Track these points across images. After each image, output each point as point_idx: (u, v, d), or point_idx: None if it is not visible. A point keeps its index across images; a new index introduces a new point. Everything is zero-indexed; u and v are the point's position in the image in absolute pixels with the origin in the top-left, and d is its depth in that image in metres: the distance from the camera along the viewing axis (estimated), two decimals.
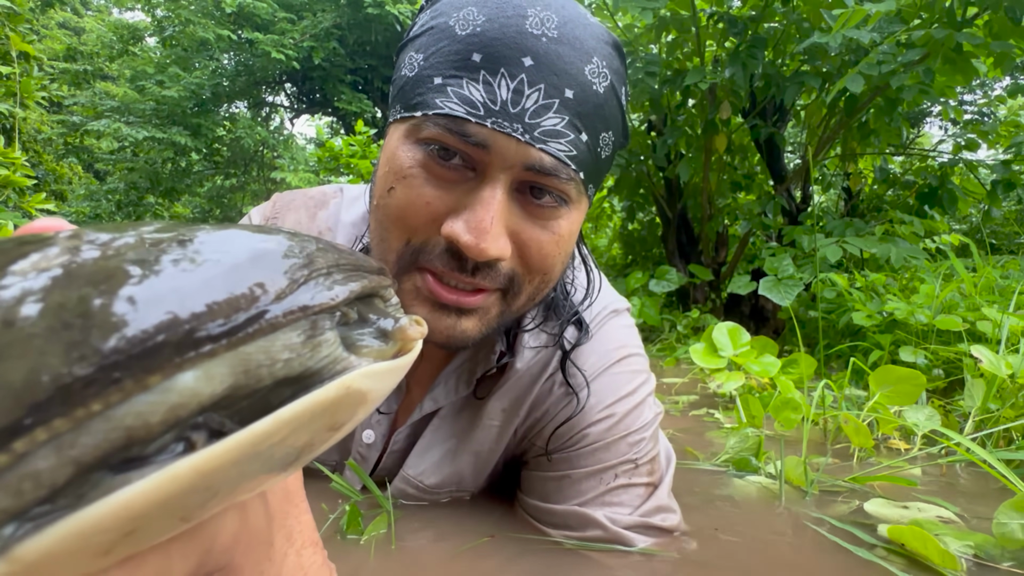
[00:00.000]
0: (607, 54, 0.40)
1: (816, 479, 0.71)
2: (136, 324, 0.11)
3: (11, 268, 0.11)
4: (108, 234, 0.13)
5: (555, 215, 0.41)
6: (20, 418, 0.09)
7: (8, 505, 0.09)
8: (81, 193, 7.18)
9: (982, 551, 0.52)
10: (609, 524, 0.48)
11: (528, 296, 0.44)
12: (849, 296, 1.87)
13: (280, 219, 0.57)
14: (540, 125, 0.37)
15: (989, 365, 0.81)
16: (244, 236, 0.14)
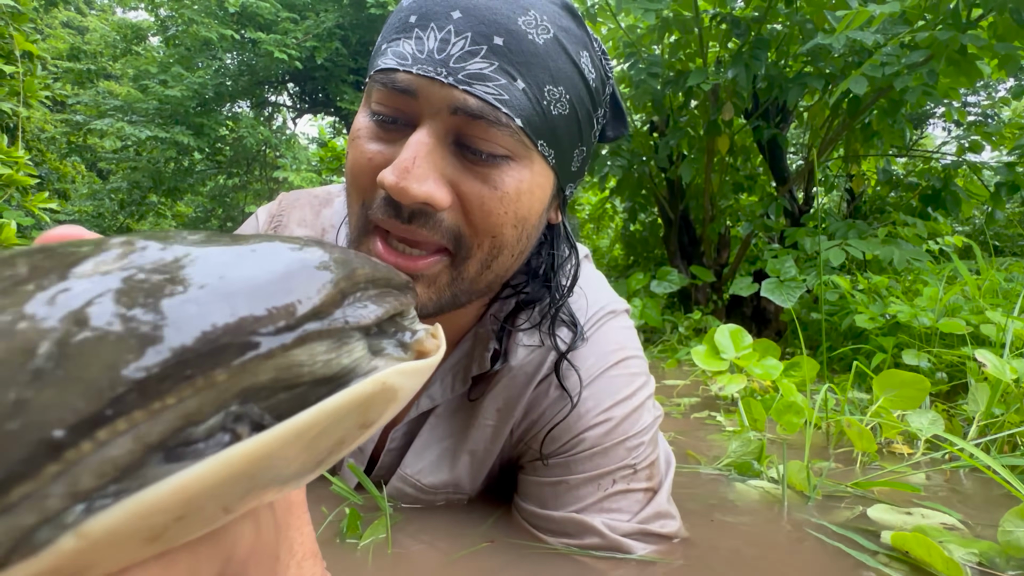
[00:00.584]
0: (550, 11, 0.40)
1: (819, 484, 0.71)
2: (203, 324, 0.11)
3: (74, 271, 0.12)
4: (160, 241, 0.14)
5: (498, 168, 0.40)
6: (102, 409, 0.10)
7: (88, 486, 0.10)
8: (84, 192, 7.20)
9: (986, 559, 0.51)
10: (607, 531, 0.47)
11: (480, 263, 0.42)
12: (852, 299, 1.87)
13: (286, 217, 0.58)
14: (465, 68, 0.37)
15: (994, 370, 0.80)
16: (293, 247, 0.14)
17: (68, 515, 0.10)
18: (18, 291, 0.11)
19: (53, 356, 0.10)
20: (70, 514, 0.10)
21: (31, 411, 0.09)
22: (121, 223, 7.68)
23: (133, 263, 0.12)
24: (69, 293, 0.11)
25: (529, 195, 0.42)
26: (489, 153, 0.39)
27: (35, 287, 0.11)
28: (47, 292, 0.11)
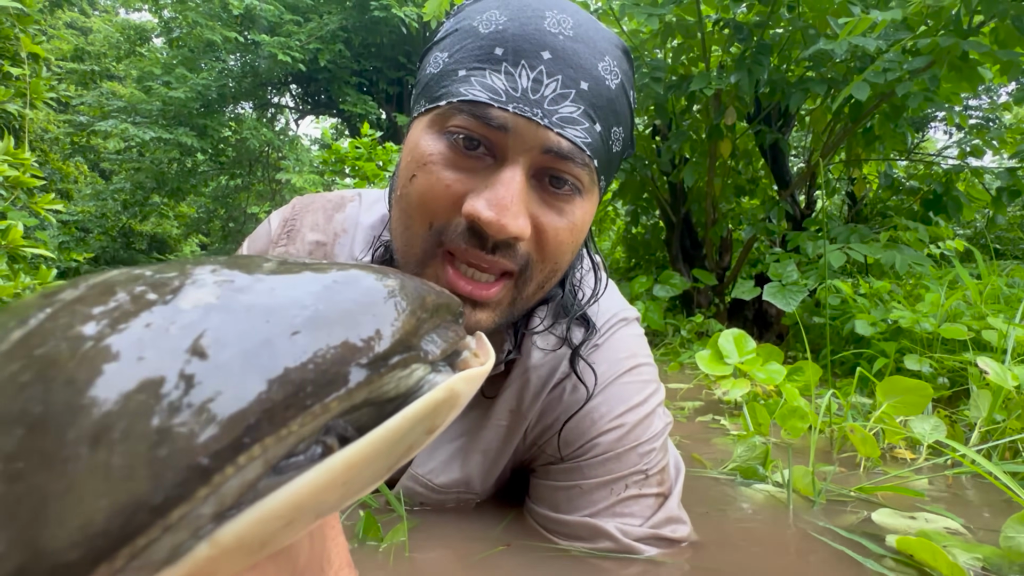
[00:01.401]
0: (617, 56, 0.43)
1: (823, 488, 0.72)
2: (315, 358, 0.13)
3: (178, 304, 0.13)
4: (247, 271, 0.15)
5: (571, 202, 0.43)
6: (240, 437, 0.11)
7: (229, 504, 0.11)
8: (87, 192, 7.22)
9: (990, 563, 0.52)
10: (620, 536, 0.48)
11: (537, 284, 0.45)
12: (854, 303, 1.88)
13: (299, 221, 0.59)
14: (558, 112, 0.39)
15: (995, 377, 0.81)
16: (371, 276, 0.16)
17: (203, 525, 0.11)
18: (131, 324, 0.12)
19: (183, 388, 0.11)
20: (205, 524, 0.11)
21: (178, 439, 0.11)
22: (124, 223, 7.70)
23: (232, 295, 0.13)
24: (182, 326, 0.12)
25: (587, 224, 0.46)
26: (570, 186, 0.42)
27: (146, 319, 0.12)
28: (161, 325, 0.12)
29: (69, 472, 0.10)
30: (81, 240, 6.77)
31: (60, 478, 0.10)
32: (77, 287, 0.14)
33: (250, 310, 0.13)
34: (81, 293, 0.13)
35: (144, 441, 0.11)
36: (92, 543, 0.10)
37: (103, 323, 0.12)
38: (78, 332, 0.12)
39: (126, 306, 0.13)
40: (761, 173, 3.52)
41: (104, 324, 0.12)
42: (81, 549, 0.10)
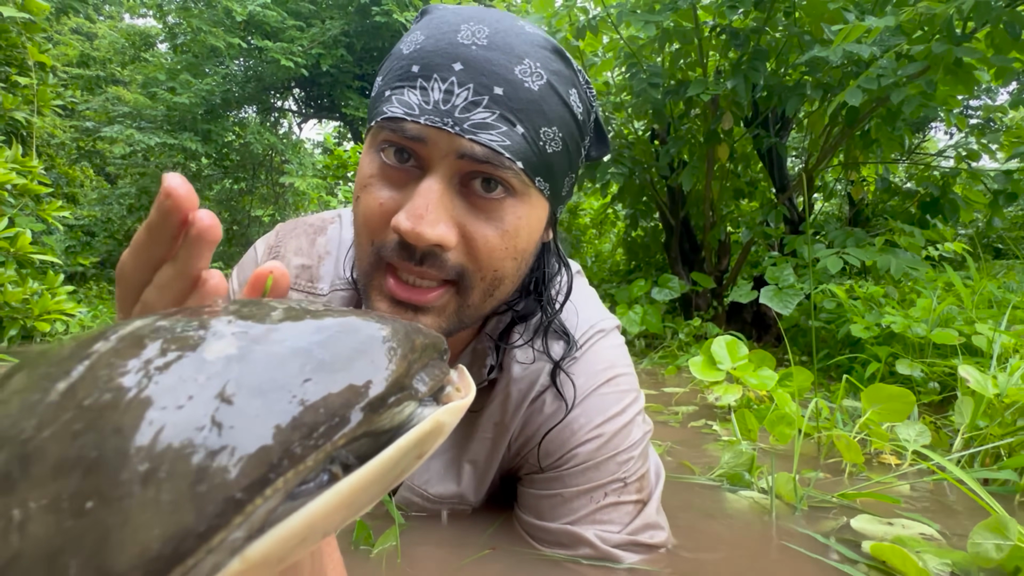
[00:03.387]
0: (542, 56, 0.43)
1: (806, 495, 0.74)
2: (325, 402, 0.15)
3: (203, 356, 0.15)
4: (260, 322, 0.17)
5: (501, 207, 0.43)
6: (267, 473, 0.14)
7: (256, 529, 0.14)
8: (93, 197, 7.28)
9: (959, 568, 0.55)
10: (599, 543, 0.50)
11: (482, 292, 0.45)
12: (850, 307, 1.89)
13: (283, 247, 0.60)
14: (469, 119, 0.41)
15: (976, 385, 0.83)
16: (366, 323, 0.18)
17: (229, 543, 0.13)
18: (165, 375, 0.14)
19: (216, 432, 0.13)
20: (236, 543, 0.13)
21: (215, 477, 0.13)
22: (130, 227, 7.76)
23: (249, 345, 0.16)
24: (209, 376, 0.15)
25: (527, 228, 0.45)
26: (501, 190, 0.43)
27: (178, 371, 0.15)
28: (191, 376, 0.14)
29: (125, 507, 0.12)
30: (87, 244, 6.83)
31: (118, 513, 0.12)
32: (108, 339, 0.16)
33: (266, 359, 0.15)
34: (114, 346, 0.16)
35: (187, 479, 0.13)
36: (149, 566, 0.12)
37: (139, 375, 0.15)
38: (119, 384, 0.14)
39: (157, 359, 0.15)
40: (760, 176, 3.54)
41: (141, 376, 0.15)
42: (140, 572, 0.12)
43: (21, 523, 0.12)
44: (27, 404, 0.14)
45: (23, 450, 0.13)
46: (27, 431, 0.13)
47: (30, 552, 0.12)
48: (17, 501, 0.12)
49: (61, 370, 0.15)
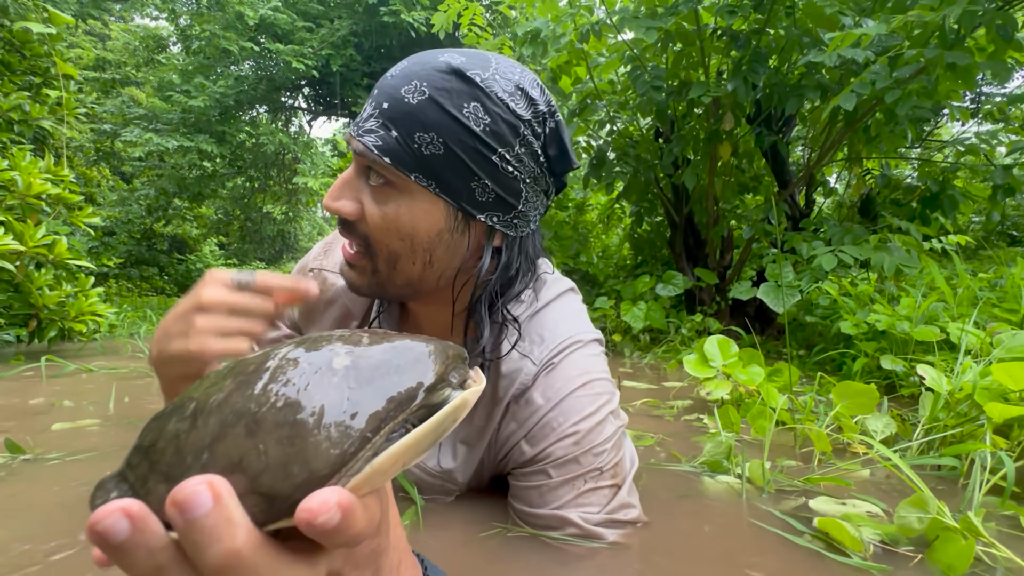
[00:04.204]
0: (434, 78, 0.53)
1: (773, 479, 0.85)
2: (402, 388, 0.27)
3: (333, 366, 0.26)
4: (358, 346, 0.28)
5: (385, 194, 0.55)
6: (379, 424, 0.25)
7: (373, 452, 0.25)
8: (113, 198, 7.49)
9: (888, 538, 0.65)
10: (583, 523, 0.61)
11: (385, 262, 0.57)
12: (842, 304, 1.98)
13: (334, 244, 0.76)
14: (362, 126, 0.55)
15: (932, 383, 0.93)
16: (417, 343, 0.30)
17: (364, 459, 0.25)
18: (319, 376, 0.26)
19: (350, 404, 0.25)
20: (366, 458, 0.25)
21: (356, 424, 0.24)
22: (148, 226, 7.99)
23: (356, 360, 0.27)
24: (342, 376, 0.26)
25: (409, 216, 0.55)
26: (383, 180, 0.55)
27: (328, 375, 0.26)
28: (332, 376, 0.26)
29: (313, 441, 0.24)
30: (107, 244, 7.05)
31: (311, 445, 0.24)
32: (273, 359, 0.27)
33: (367, 366, 0.27)
34: (280, 363, 0.27)
35: (340, 427, 0.25)
36: (331, 466, 0.24)
37: (302, 377, 0.26)
38: (292, 383, 0.26)
39: (308, 369, 0.27)
40: (764, 171, 3.59)
41: (301, 378, 0.26)
42: (327, 468, 0.24)
43: (264, 451, 0.24)
44: (245, 395, 0.26)
45: (254, 417, 0.25)
46: (253, 407, 0.25)
47: (272, 464, 0.24)
48: (260, 441, 0.24)
49: (256, 376, 0.26)
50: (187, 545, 0.22)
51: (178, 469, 0.24)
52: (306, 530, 0.22)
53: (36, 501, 0.76)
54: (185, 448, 0.25)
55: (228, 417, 0.25)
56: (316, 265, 0.75)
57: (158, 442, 0.26)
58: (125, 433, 1.15)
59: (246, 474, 0.24)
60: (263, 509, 0.23)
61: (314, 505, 0.22)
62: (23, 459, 0.96)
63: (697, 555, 0.63)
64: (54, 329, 2.68)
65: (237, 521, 0.22)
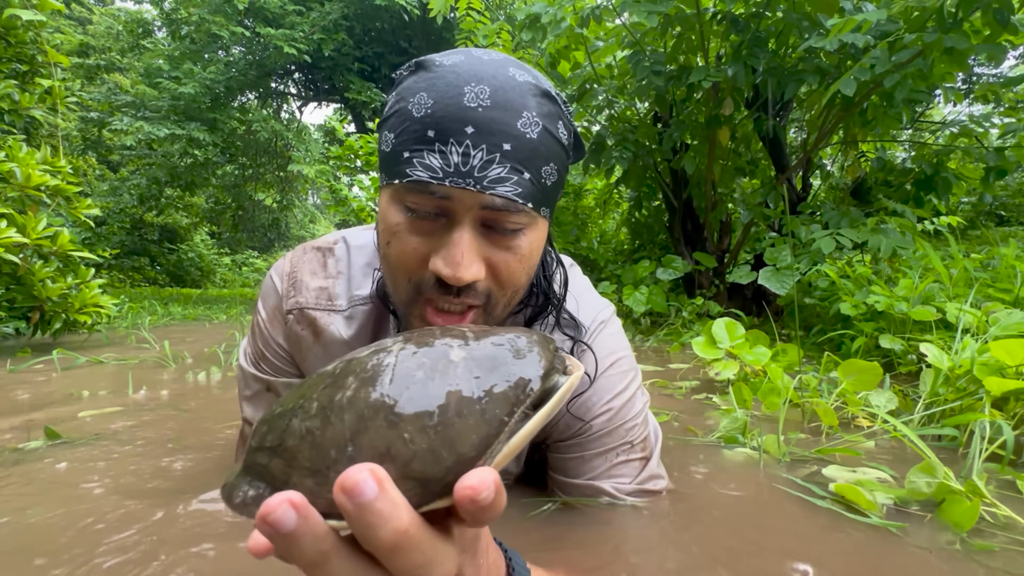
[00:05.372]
0: (536, 104, 0.50)
1: (788, 451, 0.90)
2: (525, 376, 0.30)
3: (451, 359, 0.29)
4: (475, 339, 0.31)
5: (516, 239, 0.51)
6: (512, 409, 0.28)
7: (509, 434, 0.28)
8: (104, 188, 7.38)
9: (900, 501, 0.71)
10: (615, 492, 0.66)
11: (504, 305, 0.54)
12: (841, 286, 2.04)
13: (298, 272, 0.68)
14: (487, 176, 0.47)
15: (933, 360, 0.99)
16: (526, 336, 0.32)
17: (502, 440, 0.28)
18: (447, 368, 0.28)
19: (481, 392, 0.28)
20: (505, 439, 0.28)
21: (491, 410, 0.27)
22: (139, 216, 7.90)
23: (471, 351, 0.30)
24: (465, 368, 0.29)
25: (536, 247, 0.54)
26: (511, 230, 0.51)
27: (455, 367, 0.29)
28: (456, 366, 0.29)
29: (456, 427, 0.27)
30: (100, 235, 6.96)
31: (453, 430, 0.27)
32: (389, 356, 0.31)
33: (485, 356, 0.30)
34: (401, 359, 0.30)
35: (476, 414, 0.27)
36: (477, 448, 0.27)
37: (427, 369, 0.29)
38: (418, 375, 0.28)
39: (429, 362, 0.29)
40: (761, 155, 3.62)
41: (428, 368, 0.29)
42: (473, 452, 0.27)
43: (410, 439, 0.27)
44: (375, 390, 0.28)
45: (392, 410, 0.27)
46: (388, 401, 0.28)
47: (420, 450, 0.27)
48: (403, 430, 0.27)
49: (379, 373, 0.29)
50: (359, 528, 0.24)
51: (323, 463, 0.26)
52: (467, 507, 0.24)
53: (82, 484, 0.80)
54: (325, 443, 0.27)
55: (365, 411, 0.27)
56: (293, 306, 0.66)
57: (286, 441, 0.28)
58: (151, 419, 1.19)
59: (395, 462, 0.26)
60: (417, 493, 0.26)
61: (475, 483, 0.24)
62: (60, 443, 0.99)
63: (726, 519, 0.68)
64: (59, 321, 2.68)
65: (401, 503, 0.24)
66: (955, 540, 0.62)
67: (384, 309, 0.66)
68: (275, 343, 0.68)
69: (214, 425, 1.13)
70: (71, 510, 0.69)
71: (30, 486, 0.79)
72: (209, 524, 0.64)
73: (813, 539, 0.62)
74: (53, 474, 0.84)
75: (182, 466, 0.87)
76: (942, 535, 0.63)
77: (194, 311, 4.81)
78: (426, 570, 0.26)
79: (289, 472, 0.27)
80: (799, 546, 0.60)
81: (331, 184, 4.28)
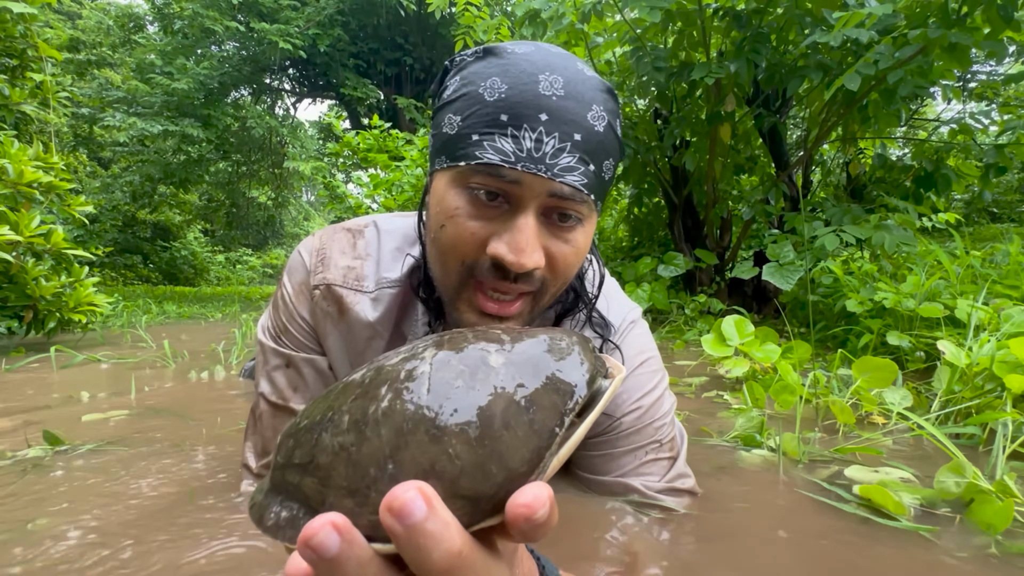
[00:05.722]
0: (602, 99, 0.51)
1: (807, 451, 0.89)
2: (573, 381, 0.28)
3: (490, 363, 0.27)
4: (516, 342, 0.29)
5: (574, 231, 0.52)
6: (562, 417, 0.26)
7: (560, 442, 0.26)
8: (96, 185, 7.28)
9: (927, 502, 0.70)
10: (645, 489, 0.65)
11: (551, 295, 0.55)
12: (846, 283, 2.03)
13: (327, 250, 0.67)
14: (558, 164, 0.48)
15: (951, 356, 0.98)
16: (565, 339, 0.30)
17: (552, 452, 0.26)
18: (480, 373, 0.26)
19: (528, 399, 0.26)
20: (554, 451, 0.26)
21: (538, 420, 0.25)
22: (132, 213, 7.80)
23: (512, 356, 0.28)
24: (506, 374, 0.26)
25: (588, 242, 0.55)
26: (573, 219, 0.52)
27: (485, 372, 0.26)
28: (495, 374, 0.26)
29: (504, 440, 0.25)
30: (92, 233, 6.88)
31: (501, 443, 0.25)
32: (421, 363, 0.28)
33: (526, 362, 0.28)
34: (434, 367, 0.28)
35: (524, 426, 0.25)
36: (528, 463, 0.25)
37: (464, 377, 0.27)
38: (455, 382, 0.26)
39: (468, 369, 0.27)
40: (760, 152, 3.62)
41: (466, 376, 0.27)
42: (525, 466, 0.25)
43: (456, 455, 0.25)
44: (412, 401, 0.26)
45: (433, 423, 0.25)
46: (428, 413, 0.25)
47: (467, 465, 0.24)
48: (447, 446, 0.25)
49: (414, 382, 0.27)
50: (409, 551, 0.22)
51: (361, 482, 0.24)
52: (520, 525, 0.23)
53: (84, 492, 0.77)
54: (362, 461, 0.25)
55: (404, 425, 0.25)
56: (320, 281, 0.65)
57: (318, 457, 0.26)
58: (155, 423, 1.16)
59: (442, 479, 0.24)
60: (466, 512, 0.24)
61: (529, 500, 0.23)
62: (60, 450, 0.97)
63: (753, 521, 0.66)
64: (53, 320, 2.64)
65: (452, 523, 0.22)
66: (989, 543, 0.61)
67: (411, 294, 0.64)
68: (299, 317, 0.66)
69: (223, 431, 1.11)
70: (76, 520, 0.67)
71: (32, 495, 0.76)
72: (226, 531, 0.62)
73: (845, 547, 0.61)
74: (61, 481, 0.82)
75: (193, 471, 0.85)
76: (975, 538, 0.62)
77: (189, 309, 4.76)
78: None
79: (324, 492, 0.25)
80: (832, 554, 0.59)
81: (327, 181, 4.24)
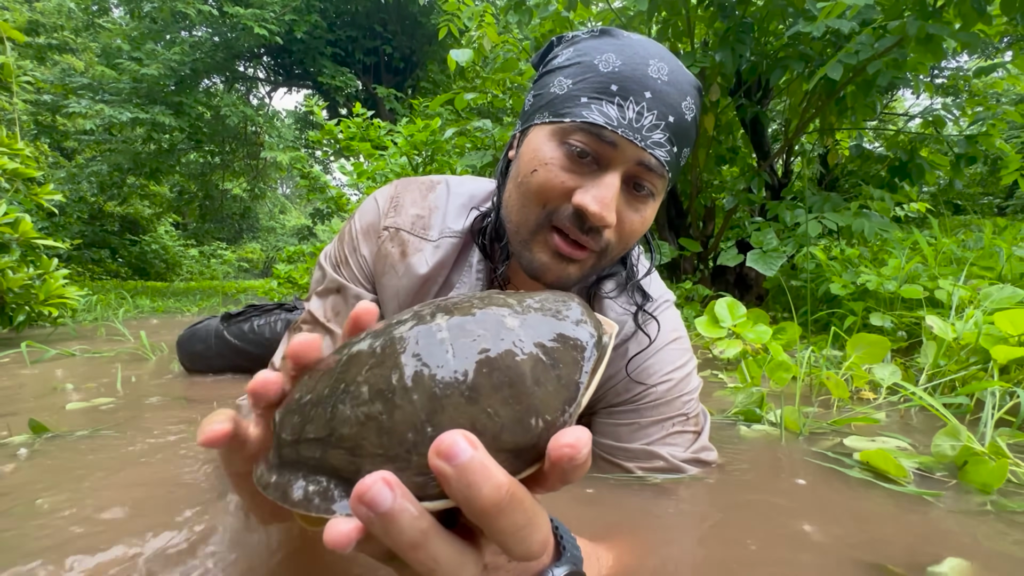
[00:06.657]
0: (694, 95, 0.57)
1: (807, 424, 0.92)
2: (583, 340, 0.29)
3: (505, 324, 0.27)
4: (523, 306, 0.29)
5: (645, 203, 0.57)
6: (571, 400, 0.27)
7: (581, 395, 0.27)
8: (61, 176, 6.97)
9: (924, 466, 0.73)
10: (670, 458, 0.66)
11: (610, 260, 0.60)
12: (828, 267, 2.09)
13: (401, 198, 0.71)
14: (651, 137, 0.54)
15: (939, 331, 1.02)
16: (573, 303, 0.31)
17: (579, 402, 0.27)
18: (496, 335, 0.26)
19: (552, 358, 0.27)
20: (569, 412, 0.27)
21: (565, 377, 0.26)
22: (99, 205, 7.50)
23: (525, 318, 0.28)
24: (524, 335, 0.27)
25: (651, 219, 0.60)
26: (647, 191, 0.57)
27: (501, 333, 0.27)
28: (514, 335, 0.27)
29: (537, 395, 0.25)
30: (57, 224, 6.60)
31: (534, 397, 0.25)
32: (438, 329, 0.27)
33: (539, 322, 0.28)
34: (452, 333, 0.27)
35: (553, 380, 0.26)
36: (562, 411, 0.26)
37: (488, 339, 0.27)
38: (479, 343, 0.26)
39: (487, 332, 0.27)
40: (741, 143, 3.68)
41: (489, 339, 0.27)
42: (556, 414, 0.26)
43: (494, 412, 0.25)
44: (439, 367, 0.26)
45: (467, 385, 0.25)
46: (459, 376, 0.25)
47: (508, 422, 0.25)
48: (485, 405, 0.25)
49: (436, 348, 0.26)
50: (459, 491, 0.23)
51: (400, 447, 0.25)
52: (564, 465, 0.24)
53: (77, 476, 0.75)
54: (396, 427, 0.25)
55: (436, 390, 0.25)
56: (391, 223, 0.69)
57: (339, 429, 0.26)
58: (142, 410, 1.13)
59: (483, 436, 0.25)
60: (510, 462, 0.25)
61: (572, 440, 0.24)
62: (47, 438, 0.93)
63: (769, 489, 0.68)
64: (22, 314, 2.53)
65: (497, 465, 0.24)
66: (985, 502, 0.64)
67: (470, 244, 0.68)
68: (361, 254, 0.70)
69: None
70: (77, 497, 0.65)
71: (31, 479, 0.74)
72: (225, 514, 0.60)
73: (859, 500, 0.63)
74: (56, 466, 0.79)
75: (197, 451, 0.83)
76: (972, 498, 0.65)
77: (163, 303, 4.62)
78: (527, 532, 0.25)
79: (357, 461, 0.25)
80: (847, 518, 0.61)
81: (307, 171, 4.15)
